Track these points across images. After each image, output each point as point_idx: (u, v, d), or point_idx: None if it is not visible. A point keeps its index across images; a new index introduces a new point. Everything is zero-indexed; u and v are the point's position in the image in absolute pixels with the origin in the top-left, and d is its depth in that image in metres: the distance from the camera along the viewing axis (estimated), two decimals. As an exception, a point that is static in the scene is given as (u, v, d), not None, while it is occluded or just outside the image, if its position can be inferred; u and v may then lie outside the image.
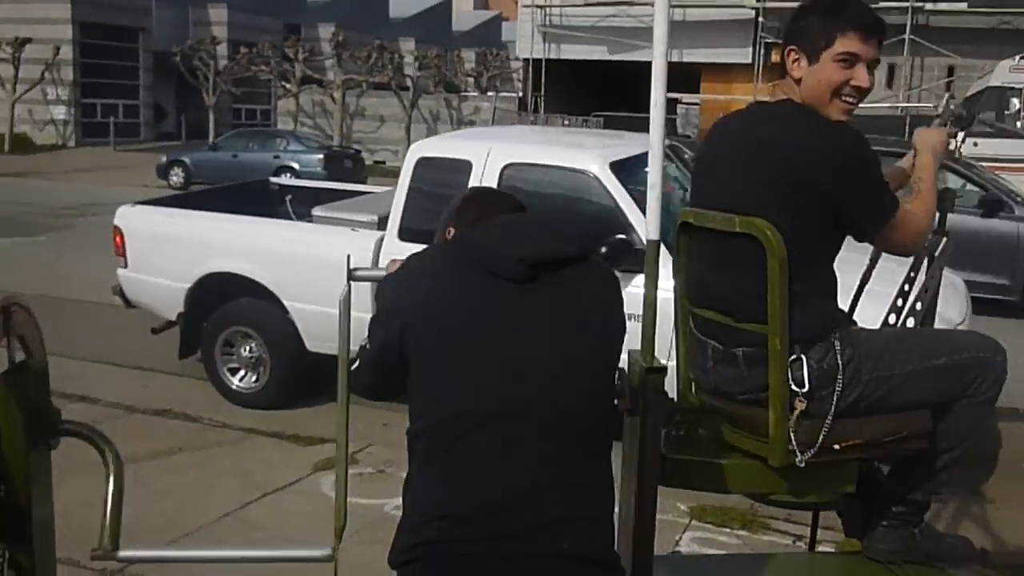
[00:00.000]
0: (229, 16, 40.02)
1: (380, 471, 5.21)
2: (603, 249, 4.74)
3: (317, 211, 6.23)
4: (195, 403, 6.27)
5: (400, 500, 1.91)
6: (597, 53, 25.13)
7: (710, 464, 2.37)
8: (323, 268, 5.87)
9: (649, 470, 2.24)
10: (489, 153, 5.51)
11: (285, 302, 6.01)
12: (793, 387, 2.20)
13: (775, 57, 25.77)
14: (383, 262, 5.59)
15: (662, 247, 2.36)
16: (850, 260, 2.42)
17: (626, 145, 5.77)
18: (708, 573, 2.97)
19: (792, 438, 2.20)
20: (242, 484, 5.00)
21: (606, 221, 5.16)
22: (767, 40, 25.05)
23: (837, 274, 2.31)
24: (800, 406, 2.19)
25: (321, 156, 20.69)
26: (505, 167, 5.43)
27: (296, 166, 20.24)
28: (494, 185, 5.40)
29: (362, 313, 5.61)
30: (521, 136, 7.12)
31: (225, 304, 6.27)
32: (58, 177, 23.73)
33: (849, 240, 2.27)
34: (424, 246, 5.47)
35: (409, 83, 30.20)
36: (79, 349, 7.18)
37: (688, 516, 4.73)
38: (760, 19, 24.94)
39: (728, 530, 4.64)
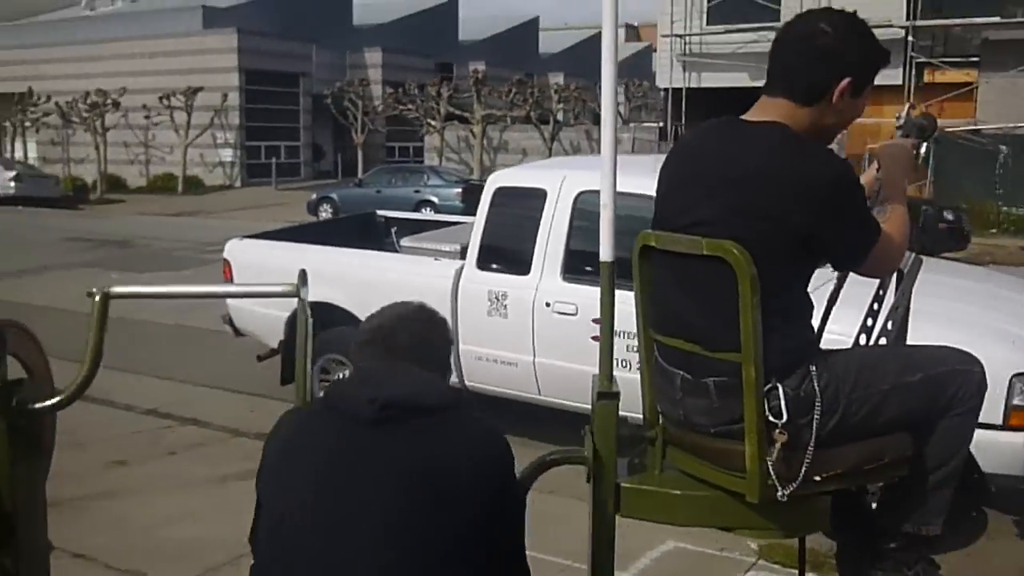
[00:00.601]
0: (384, 58, 41.67)
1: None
2: None
3: (405, 241, 6.42)
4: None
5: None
6: (738, 80, 24.70)
7: (672, 496, 2.28)
8: (404, 297, 6.05)
9: (600, 499, 2.21)
10: (563, 182, 5.56)
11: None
12: (770, 418, 2.08)
13: (928, 77, 24.78)
14: (462, 291, 5.72)
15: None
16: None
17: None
18: None
19: (771, 471, 2.09)
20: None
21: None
22: (918, 60, 24.05)
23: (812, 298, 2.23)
24: (781, 438, 2.07)
25: (459, 190, 21.22)
26: (579, 195, 5.46)
27: (435, 200, 20.81)
28: (567, 212, 5.44)
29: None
30: (598, 164, 7.15)
31: (320, 332, 6.52)
32: (221, 215, 25.28)
33: None
34: (499, 274, 5.36)
35: (550, 116, 30.60)
36: (197, 375, 7.61)
37: (756, 555, 4.57)
38: (910, 38, 23.97)
39: (795, 570, 4.46)
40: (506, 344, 5.63)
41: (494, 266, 5.70)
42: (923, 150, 2.47)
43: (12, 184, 29.91)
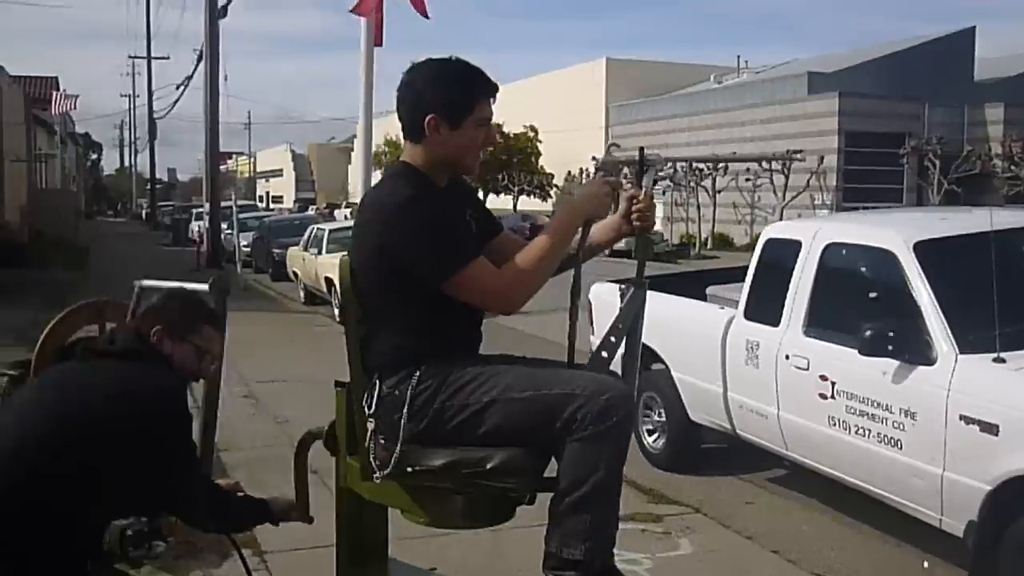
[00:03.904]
0: (1006, 114, 38.33)
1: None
2: None
3: (710, 289, 6.65)
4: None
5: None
6: None
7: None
8: (693, 341, 6.34)
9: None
10: (817, 233, 5.43)
11: (673, 372, 6.57)
12: (366, 410, 2.45)
13: None
14: (729, 339, 5.87)
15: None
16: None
17: (953, 223, 5.08)
18: None
19: (371, 457, 2.44)
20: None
21: (900, 306, 4.74)
22: None
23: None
24: (369, 427, 2.42)
25: None
26: (826, 247, 5.31)
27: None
28: (814, 265, 5.32)
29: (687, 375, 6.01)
30: (861, 216, 6.64)
31: (644, 371, 7.04)
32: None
33: None
34: (757, 324, 5.68)
35: None
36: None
37: None
38: None
39: None
40: (758, 395, 5.63)
41: (756, 316, 5.74)
42: (645, 183, 2.45)
43: (623, 239, 33.98)
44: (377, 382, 2.47)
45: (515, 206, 46.18)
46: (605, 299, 7.64)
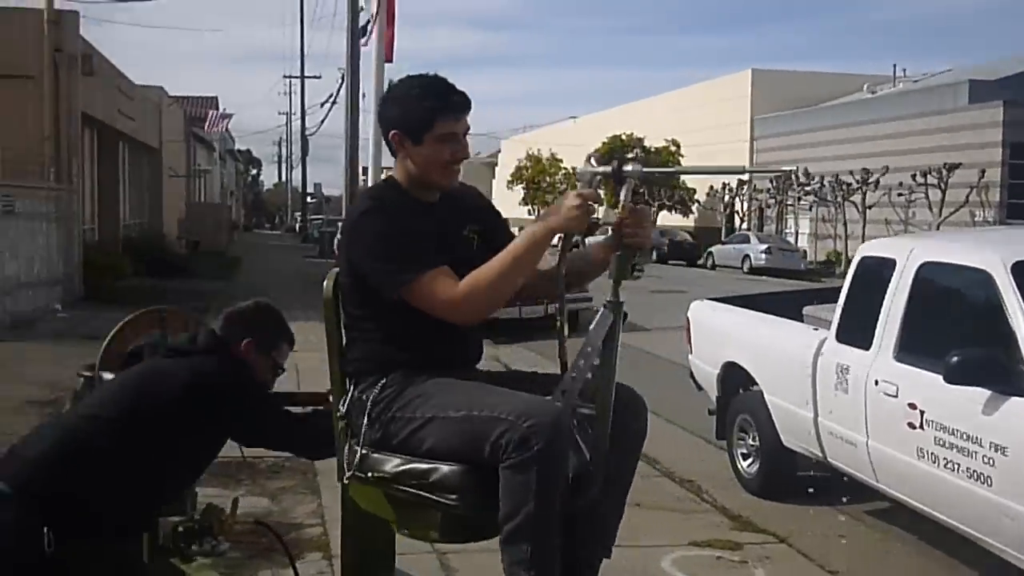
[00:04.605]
0: None
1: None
2: None
3: (807, 309, 6.34)
4: (715, 478, 6.86)
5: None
6: None
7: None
8: (785, 363, 6.05)
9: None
10: (912, 251, 5.08)
11: (765, 395, 6.29)
12: (339, 411, 2.49)
13: None
14: (820, 362, 5.58)
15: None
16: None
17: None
18: None
19: (343, 458, 2.46)
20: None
21: (995, 331, 4.38)
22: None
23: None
24: (339, 427, 2.45)
25: None
26: (921, 266, 4.96)
27: None
28: (908, 285, 4.99)
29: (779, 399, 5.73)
30: (961, 234, 6.07)
31: (740, 392, 6.78)
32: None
33: None
34: (849, 347, 5.39)
35: None
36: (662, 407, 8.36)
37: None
38: None
39: None
40: (847, 422, 5.31)
41: (847, 339, 5.42)
42: (623, 193, 2.30)
43: (763, 256, 33.13)
44: (351, 387, 2.53)
45: (654, 221, 45.62)
46: (702, 318, 7.44)
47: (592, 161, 2.34)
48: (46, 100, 15.14)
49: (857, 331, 5.33)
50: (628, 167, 2.26)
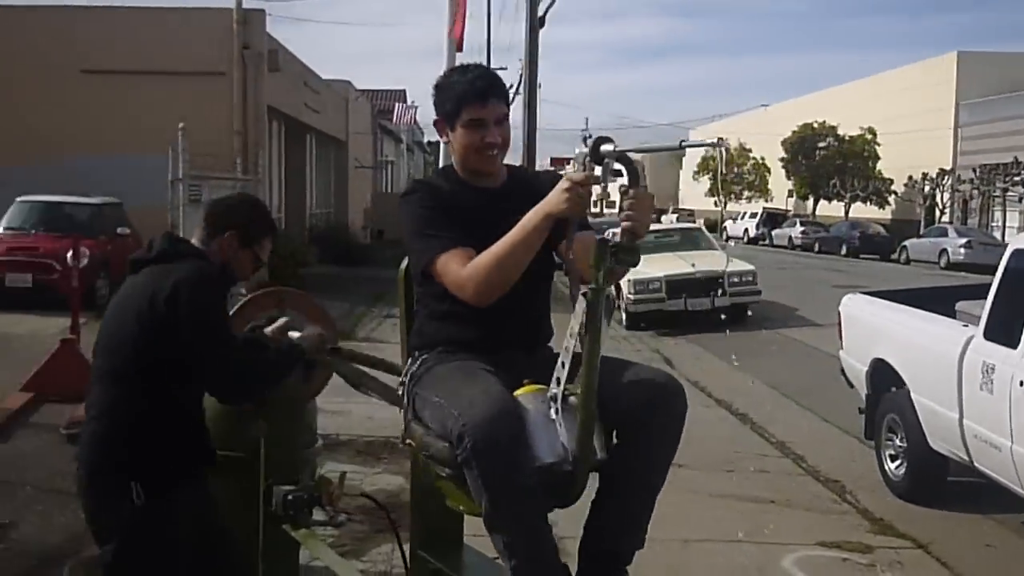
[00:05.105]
0: None
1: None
2: None
3: (960, 305, 5.93)
4: (862, 479, 6.57)
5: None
6: None
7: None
8: (932, 361, 5.72)
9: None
10: (1067, 242, 4.68)
11: (912, 394, 5.96)
12: (403, 381, 2.67)
13: None
14: (966, 360, 5.26)
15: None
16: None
17: None
18: None
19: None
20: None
21: None
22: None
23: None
24: (401, 394, 2.67)
25: None
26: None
27: None
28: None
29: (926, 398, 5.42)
30: None
31: (889, 391, 6.45)
32: None
33: None
34: (996, 345, 5.16)
35: None
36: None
37: None
38: None
39: None
40: (992, 424, 4.97)
41: (995, 336, 5.06)
42: (599, 173, 2.21)
43: (962, 251, 31.11)
44: (410, 359, 2.66)
45: (847, 213, 43.59)
46: (853, 312, 7.12)
47: (584, 144, 2.29)
48: (235, 95, 16.18)
49: (1005, 328, 4.98)
50: (604, 147, 2.19)
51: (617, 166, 2.20)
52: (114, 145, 15.76)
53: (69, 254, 12.03)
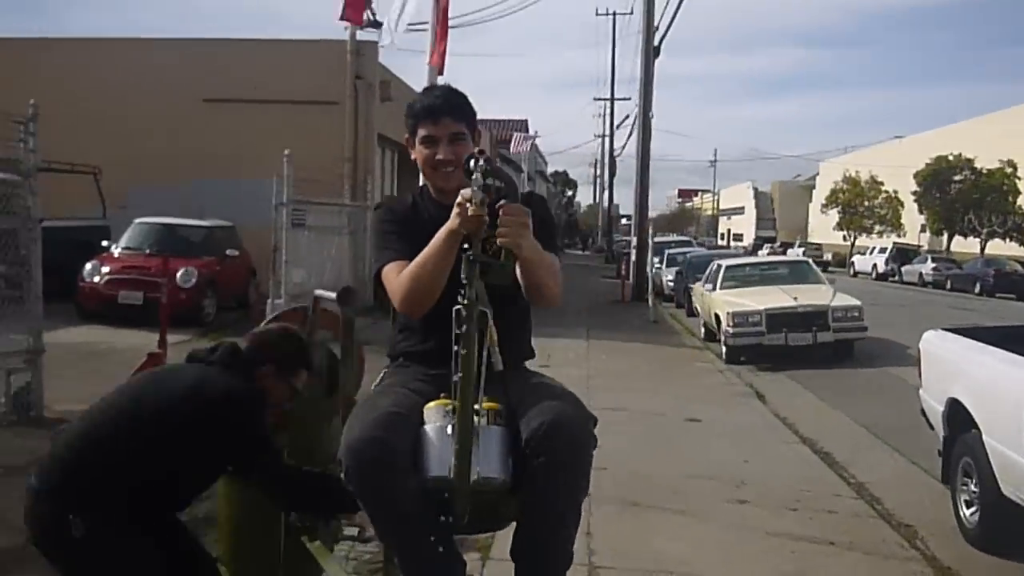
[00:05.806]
0: None
1: None
2: None
3: (1038, 342, 5.57)
4: (936, 525, 6.21)
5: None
6: None
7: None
8: (1003, 403, 5.39)
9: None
10: None
11: (984, 437, 5.61)
12: None
13: None
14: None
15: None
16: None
17: None
18: None
19: None
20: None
21: None
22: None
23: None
24: None
25: None
26: None
27: None
28: None
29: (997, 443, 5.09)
30: None
31: (965, 433, 6.09)
32: None
33: None
34: None
35: None
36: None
37: None
38: None
39: None
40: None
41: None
42: (474, 192, 2.21)
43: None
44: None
45: (982, 249, 41.40)
46: (932, 349, 6.79)
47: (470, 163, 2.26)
48: (347, 123, 16.74)
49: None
50: (470, 163, 2.21)
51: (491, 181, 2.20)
52: (231, 171, 16.50)
53: (179, 272, 12.69)
